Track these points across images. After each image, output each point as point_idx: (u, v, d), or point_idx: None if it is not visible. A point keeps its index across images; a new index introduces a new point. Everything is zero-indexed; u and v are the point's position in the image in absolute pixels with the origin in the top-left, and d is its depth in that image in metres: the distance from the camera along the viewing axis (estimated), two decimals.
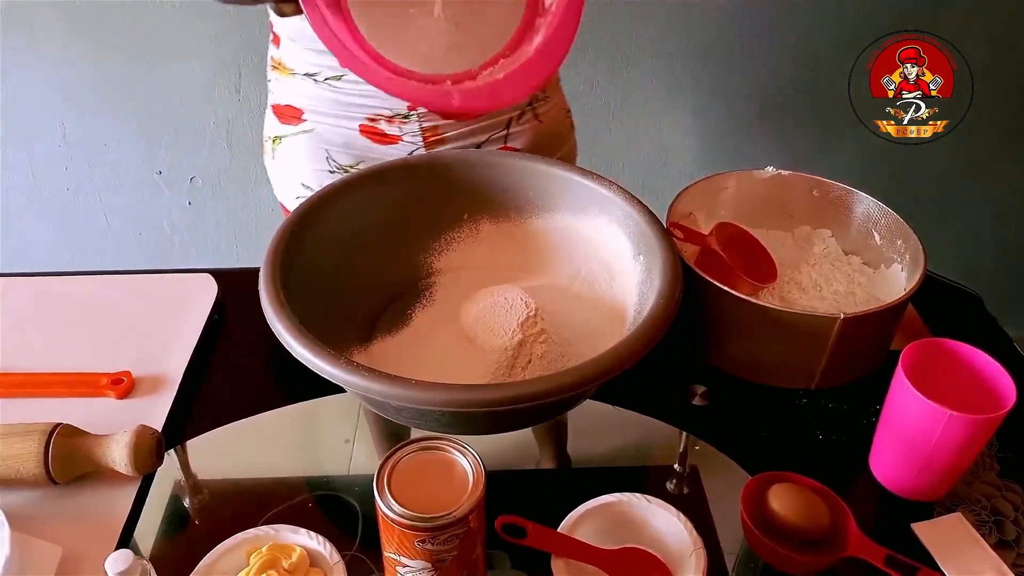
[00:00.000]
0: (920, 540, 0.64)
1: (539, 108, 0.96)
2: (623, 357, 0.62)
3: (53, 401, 0.76)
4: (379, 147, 0.92)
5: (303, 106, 0.93)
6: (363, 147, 0.92)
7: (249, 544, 0.60)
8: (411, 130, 0.90)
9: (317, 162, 0.95)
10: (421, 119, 0.90)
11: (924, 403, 0.62)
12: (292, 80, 0.92)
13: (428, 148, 0.92)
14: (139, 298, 0.89)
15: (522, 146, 0.96)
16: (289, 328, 0.65)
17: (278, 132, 0.97)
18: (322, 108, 0.92)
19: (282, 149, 0.97)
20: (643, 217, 0.78)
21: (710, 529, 0.66)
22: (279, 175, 1.00)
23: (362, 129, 0.91)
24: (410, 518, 0.49)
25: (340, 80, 0.88)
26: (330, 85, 0.89)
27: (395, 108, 0.89)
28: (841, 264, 0.88)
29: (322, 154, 0.94)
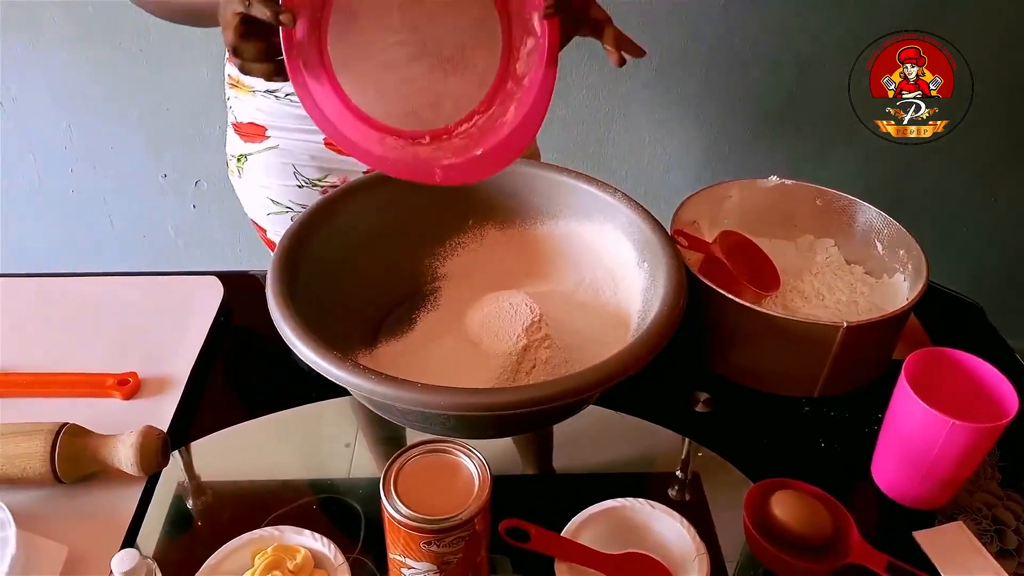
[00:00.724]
0: (921, 548, 0.65)
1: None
2: (627, 363, 0.63)
3: (59, 401, 0.77)
4: (346, 158, 0.92)
5: (265, 123, 0.93)
6: (329, 159, 0.93)
7: (254, 545, 0.61)
8: None
9: (284, 178, 0.95)
10: None
11: (926, 411, 0.62)
12: (252, 98, 0.92)
13: None
14: (146, 300, 0.90)
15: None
16: (296, 331, 0.65)
17: (242, 151, 0.97)
18: (284, 124, 0.92)
19: (248, 167, 0.97)
20: (648, 224, 0.78)
21: (712, 536, 0.66)
22: (247, 192, 1.00)
23: (326, 142, 0.92)
24: (416, 520, 0.49)
25: None
26: (291, 100, 0.90)
27: None
28: (844, 273, 0.88)
29: (289, 169, 0.94)
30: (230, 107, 0.97)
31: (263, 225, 1.02)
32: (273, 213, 0.99)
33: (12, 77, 1.53)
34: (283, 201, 0.98)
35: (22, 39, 1.49)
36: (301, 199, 0.97)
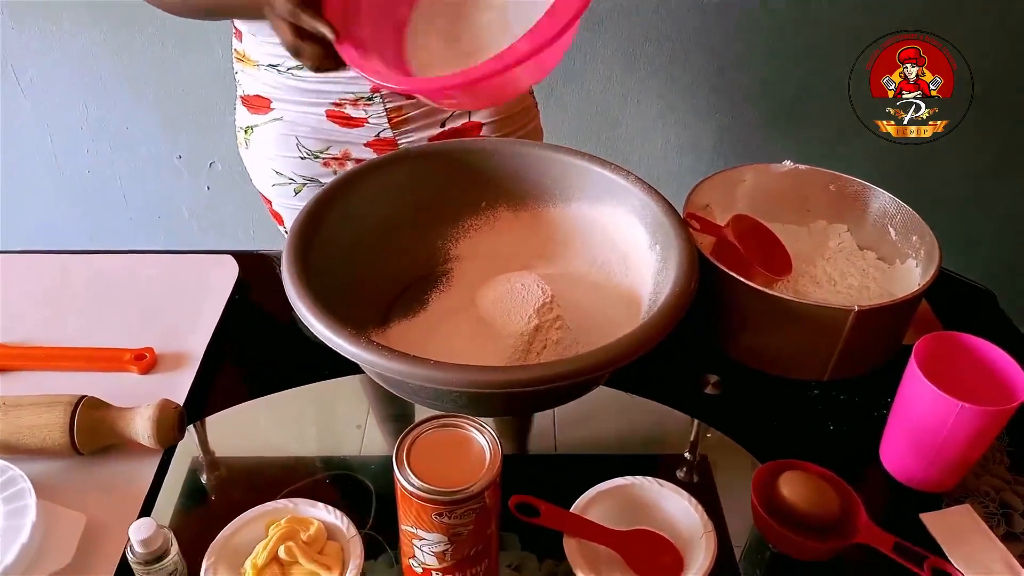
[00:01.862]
0: (928, 530, 0.65)
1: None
2: (637, 344, 0.63)
3: (78, 375, 0.78)
4: (346, 130, 0.94)
5: (270, 95, 0.94)
6: (330, 130, 0.94)
7: (268, 517, 0.61)
8: (376, 111, 0.92)
9: (287, 149, 0.96)
10: (385, 100, 0.91)
11: (936, 394, 0.62)
12: (257, 71, 0.93)
13: (393, 129, 0.93)
14: (163, 277, 0.91)
15: (487, 120, 0.97)
16: (311, 308, 0.66)
17: (249, 122, 0.98)
18: (288, 96, 0.93)
19: (254, 138, 0.99)
20: (660, 207, 0.78)
21: (719, 516, 0.67)
22: (253, 164, 1.01)
23: (328, 114, 0.93)
24: (429, 491, 0.50)
25: (302, 69, 0.89)
26: (292, 74, 0.91)
27: (359, 92, 0.91)
28: (856, 259, 0.88)
29: (292, 141, 0.95)
30: (238, 80, 0.99)
31: (268, 196, 1.03)
32: (277, 184, 1.01)
33: (29, 59, 1.54)
34: (286, 172, 0.99)
35: (39, 21, 1.50)
36: (303, 171, 0.98)
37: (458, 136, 0.96)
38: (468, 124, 0.96)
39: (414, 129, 0.94)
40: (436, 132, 0.95)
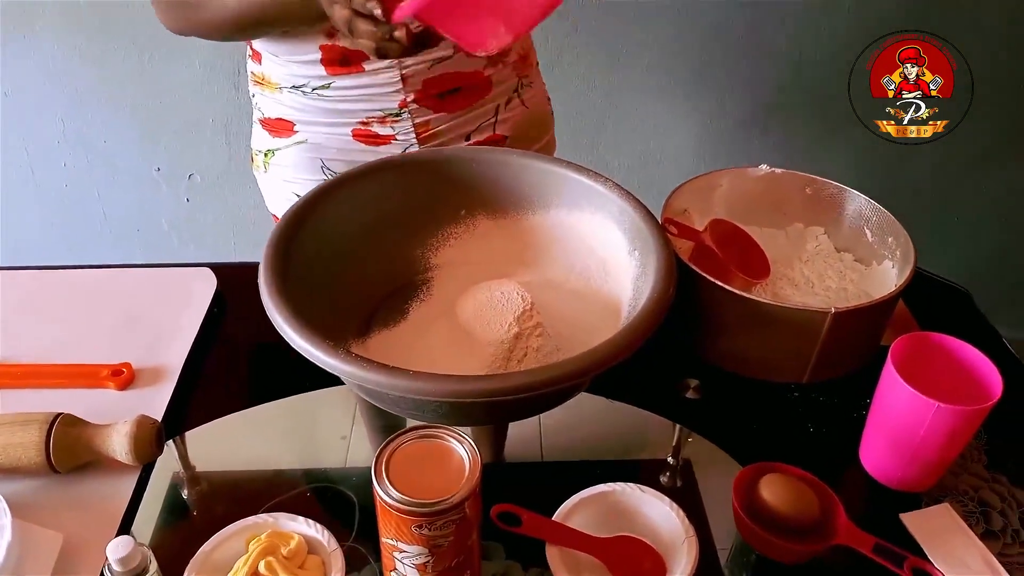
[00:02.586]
0: (908, 530, 0.66)
1: (524, 94, 0.97)
2: (616, 350, 0.63)
3: (54, 392, 0.77)
4: (373, 149, 0.93)
5: (293, 118, 0.94)
6: (357, 151, 0.93)
7: (248, 531, 0.61)
8: (403, 128, 0.92)
9: (311, 172, 0.96)
10: (413, 116, 0.91)
11: (912, 395, 0.63)
12: (279, 94, 0.93)
13: (421, 143, 0.93)
14: (139, 291, 0.90)
15: (510, 132, 0.97)
16: (288, 319, 0.66)
17: (270, 146, 0.98)
18: (313, 118, 0.93)
19: (274, 161, 0.98)
20: (638, 213, 0.79)
21: (703, 520, 0.67)
22: (271, 186, 1.01)
23: (355, 133, 0.93)
24: (407, 503, 0.50)
25: (328, 88, 0.90)
26: (319, 95, 0.91)
27: (386, 108, 0.91)
28: (833, 261, 0.89)
29: (316, 164, 0.95)
30: (256, 104, 0.98)
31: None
32: None
33: (5, 71, 1.53)
34: None
35: (15, 33, 1.49)
36: None
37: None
38: (492, 137, 0.96)
39: (440, 144, 0.94)
40: (462, 146, 0.95)
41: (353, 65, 0.87)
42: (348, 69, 0.88)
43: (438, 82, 0.90)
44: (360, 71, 0.88)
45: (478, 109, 0.94)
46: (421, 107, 0.91)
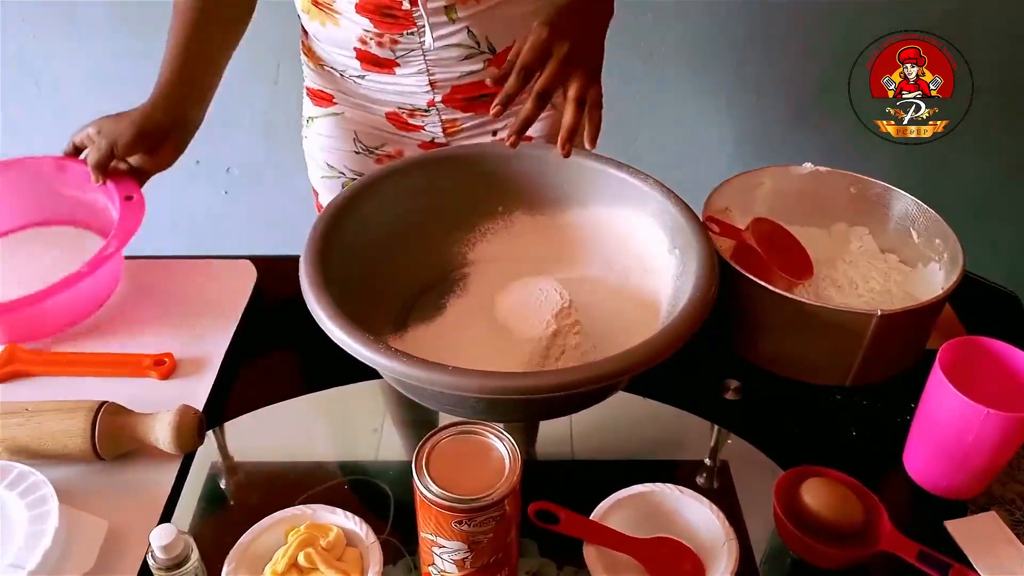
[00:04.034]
0: (953, 538, 0.64)
1: (557, 99, 0.97)
2: (657, 350, 0.63)
3: (98, 380, 0.78)
4: (402, 133, 0.96)
5: (332, 92, 0.96)
6: (388, 130, 0.96)
7: (287, 523, 0.62)
8: (431, 121, 0.94)
9: (344, 142, 0.98)
10: (440, 113, 0.92)
11: (961, 400, 0.61)
12: (321, 70, 0.96)
13: (447, 137, 0.95)
14: (181, 283, 0.91)
15: (539, 133, 0.97)
16: (329, 313, 0.66)
17: (311, 113, 1.01)
18: (349, 96, 0.95)
19: (313, 129, 1.01)
20: (679, 211, 0.78)
21: (740, 523, 0.66)
22: (309, 154, 1.04)
23: (388, 115, 0.95)
24: (448, 499, 0.50)
25: (363, 79, 0.92)
26: (355, 82, 0.93)
27: (416, 104, 0.92)
28: (878, 262, 0.87)
29: (349, 135, 0.97)
30: (304, 73, 1.01)
31: (317, 188, 1.06)
32: (326, 177, 1.03)
33: (47, 65, 1.56)
34: (337, 166, 1.01)
35: (57, 28, 1.51)
36: (354, 165, 1.00)
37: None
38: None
39: (466, 138, 0.96)
40: (488, 142, 0.96)
41: (385, 67, 0.89)
42: (381, 69, 0.90)
43: (466, 89, 0.91)
44: (392, 73, 0.90)
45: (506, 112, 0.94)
46: (448, 107, 0.92)
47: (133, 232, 0.83)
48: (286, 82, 1.57)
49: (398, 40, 0.86)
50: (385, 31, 0.85)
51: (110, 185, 0.88)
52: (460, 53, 0.88)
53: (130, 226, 0.83)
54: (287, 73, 1.56)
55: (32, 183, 0.92)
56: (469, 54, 0.88)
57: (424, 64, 0.88)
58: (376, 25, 0.85)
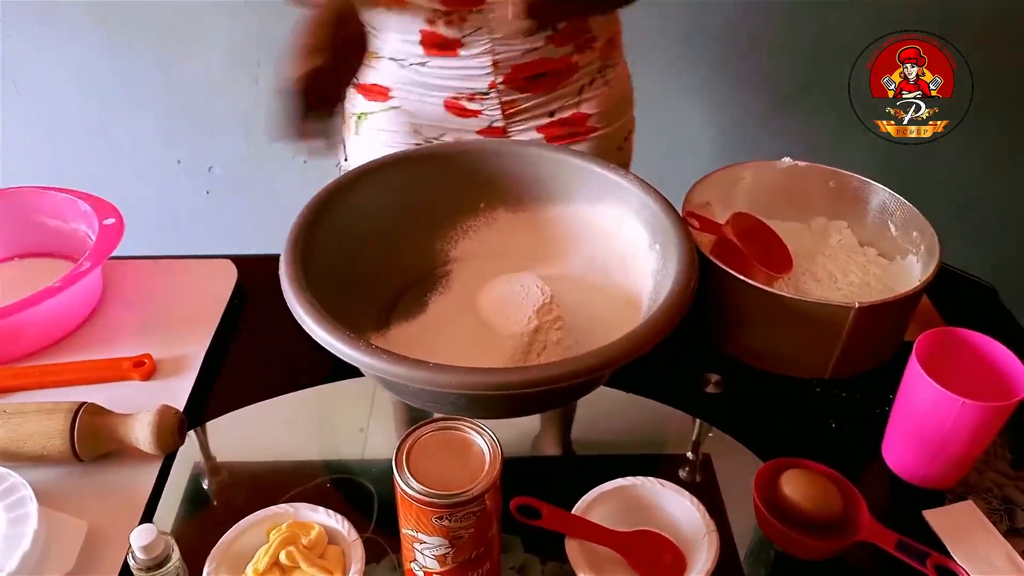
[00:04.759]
0: (931, 527, 0.65)
1: (609, 75, 0.98)
2: (636, 344, 0.63)
3: (77, 389, 0.77)
4: (460, 119, 0.95)
5: (389, 85, 0.96)
6: (446, 119, 0.96)
7: (269, 522, 0.61)
8: (490, 104, 0.94)
9: (403, 135, 0.98)
10: (500, 95, 0.93)
11: (937, 391, 0.62)
12: (377, 62, 0.95)
13: (506, 120, 0.95)
14: (160, 283, 0.91)
15: (593, 111, 0.98)
16: (309, 311, 0.66)
17: (364, 109, 1.00)
18: (408, 87, 0.95)
19: (367, 124, 1.00)
20: (660, 206, 0.78)
21: (722, 515, 0.67)
22: (360, 149, 1.03)
23: (446, 104, 0.94)
24: (428, 495, 0.50)
25: (424, 66, 0.92)
26: (415, 69, 0.93)
27: (476, 88, 0.92)
28: (856, 255, 0.88)
29: (407, 127, 0.97)
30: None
31: None
32: None
33: (27, 64, 1.55)
34: None
35: (36, 26, 1.50)
36: None
37: (568, 126, 0.97)
38: (576, 115, 0.97)
39: (525, 119, 0.96)
40: (545, 122, 0.97)
41: (449, 50, 0.89)
42: (444, 52, 0.90)
43: (527, 67, 0.92)
44: (455, 55, 0.90)
45: (561, 90, 0.95)
46: (509, 88, 0.92)
47: (109, 252, 0.83)
48: (267, 82, 1.56)
49: (466, 18, 0.86)
50: (454, 8, 0.86)
51: (90, 211, 0.87)
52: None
53: (106, 247, 0.83)
54: (268, 72, 1.55)
55: (13, 213, 0.92)
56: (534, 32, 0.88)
57: (489, 43, 0.89)
58: (445, 2, 0.85)
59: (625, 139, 1.05)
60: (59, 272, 0.80)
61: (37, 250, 0.94)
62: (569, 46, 0.92)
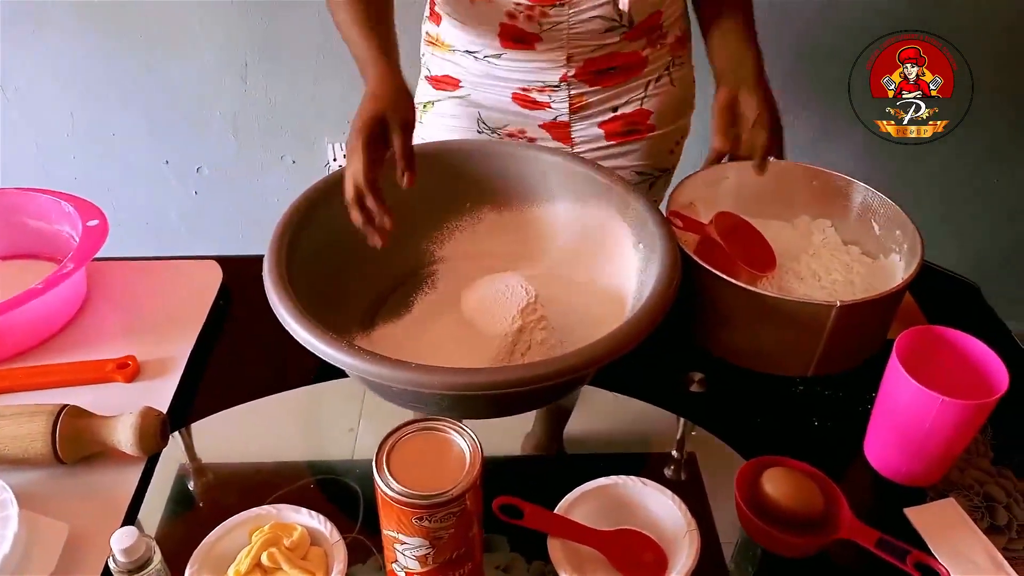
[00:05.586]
0: (912, 524, 0.65)
1: (675, 73, 0.99)
2: (619, 343, 0.63)
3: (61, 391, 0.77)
4: (527, 111, 0.96)
5: (460, 76, 0.97)
6: (512, 111, 0.97)
7: (251, 523, 0.61)
8: (559, 97, 0.94)
9: (468, 122, 0.99)
10: (570, 88, 0.93)
11: (917, 389, 0.62)
12: (451, 55, 0.96)
13: (572, 113, 0.96)
14: (145, 284, 0.90)
15: (655, 109, 0.99)
16: (291, 311, 0.66)
17: (431, 97, 1.01)
18: (478, 79, 0.96)
19: (432, 112, 1.01)
20: (643, 206, 0.79)
21: (707, 514, 0.67)
22: (425, 137, 1.03)
23: (514, 96, 0.95)
24: (408, 496, 0.50)
25: (499, 58, 0.92)
26: (489, 62, 0.93)
27: (548, 80, 0.93)
28: (840, 254, 0.88)
29: (474, 116, 0.98)
30: (424, 62, 1.02)
31: None
32: None
33: (15, 66, 1.54)
34: None
35: (25, 28, 1.49)
36: None
37: (629, 122, 0.98)
38: (639, 111, 0.98)
39: (590, 115, 0.97)
40: (608, 118, 0.97)
41: (526, 44, 0.90)
42: (521, 46, 0.91)
43: (599, 61, 0.92)
44: (532, 49, 0.90)
45: (630, 84, 0.96)
46: (579, 81, 0.93)
47: (92, 254, 0.82)
48: (255, 82, 1.56)
49: (547, 13, 0.87)
50: (537, 3, 0.86)
51: (74, 213, 0.87)
52: (601, 26, 0.89)
53: (90, 249, 0.83)
54: (256, 73, 1.55)
55: None
56: (610, 27, 0.89)
57: (566, 38, 0.89)
58: None
59: (677, 143, 1.06)
60: (42, 274, 0.80)
61: (20, 251, 0.93)
62: (642, 40, 0.93)
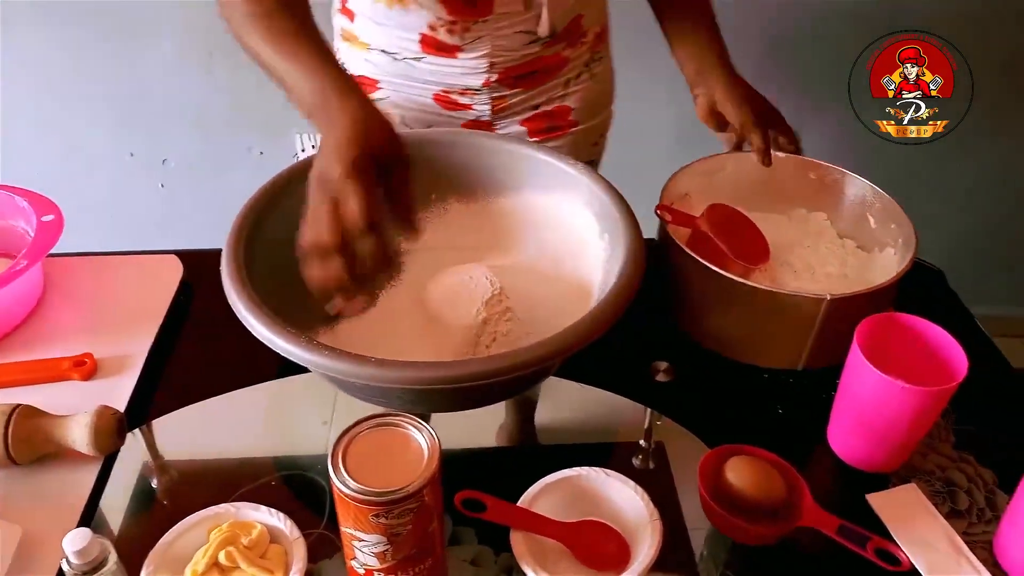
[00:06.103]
0: (874, 510, 0.65)
1: (595, 68, 0.99)
2: (582, 334, 0.63)
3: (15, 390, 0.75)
4: (449, 112, 0.95)
5: (377, 76, 0.95)
6: (434, 112, 0.95)
7: (210, 522, 0.60)
8: (481, 100, 0.94)
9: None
10: (491, 91, 0.93)
11: (877, 376, 0.63)
12: (367, 53, 0.94)
13: (494, 114, 0.95)
14: (104, 280, 0.89)
15: (576, 105, 0.98)
16: (250, 307, 0.65)
17: None
18: (397, 79, 0.94)
19: None
20: (608, 196, 0.78)
21: (674, 503, 0.67)
22: None
23: (435, 97, 0.94)
24: (363, 493, 0.49)
25: (419, 61, 0.91)
26: (408, 63, 0.92)
27: (469, 85, 0.92)
28: (835, 247, 0.88)
29: (396, 118, 0.96)
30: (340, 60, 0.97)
31: None
32: None
33: None
34: None
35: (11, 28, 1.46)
36: None
37: (551, 119, 0.98)
38: (560, 108, 0.98)
39: (511, 115, 0.96)
40: (529, 115, 0.97)
41: (447, 52, 0.89)
42: (442, 54, 0.90)
43: (522, 67, 0.92)
44: (453, 57, 0.90)
45: (550, 83, 0.95)
46: (501, 85, 0.93)
47: (47, 250, 0.80)
48: (220, 73, 1.53)
49: (469, 28, 0.86)
50: (459, 18, 0.85)
51: (28, 208, 0.85)
52: (524, 39, 0.89)
53: (45, 244, 0.81)
54: (221, 64, 1.53)
55: None
56: (532, 39, 0.90)
57: (489, 48, 0.89)
58: (451, 12, 0.85)
59: (601, 135, 1.06)
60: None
61: None
62: (562, 43, 0.93)
